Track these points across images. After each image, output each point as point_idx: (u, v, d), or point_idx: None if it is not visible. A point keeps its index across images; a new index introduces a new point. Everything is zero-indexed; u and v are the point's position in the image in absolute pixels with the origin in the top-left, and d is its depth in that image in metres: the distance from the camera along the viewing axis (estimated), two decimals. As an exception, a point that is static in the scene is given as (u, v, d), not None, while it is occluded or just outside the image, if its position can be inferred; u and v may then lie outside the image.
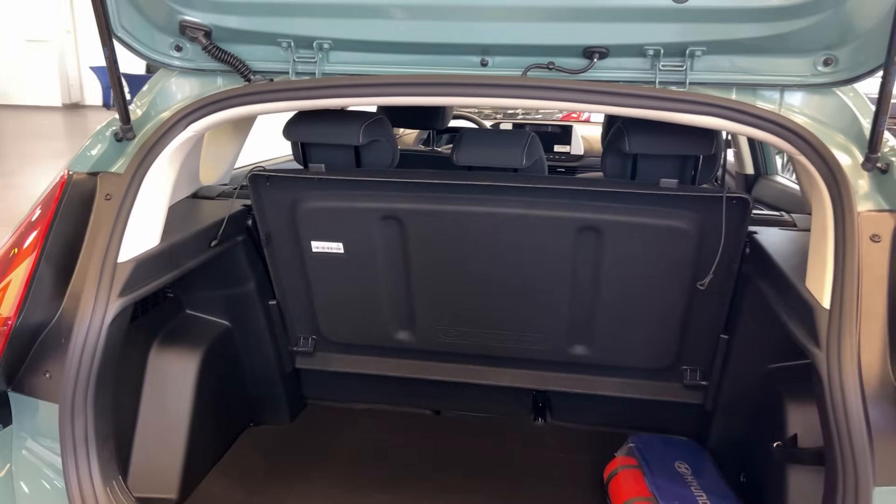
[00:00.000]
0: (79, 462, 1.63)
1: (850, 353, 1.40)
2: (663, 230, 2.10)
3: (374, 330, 2.49)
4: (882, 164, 1.63)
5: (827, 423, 1.42)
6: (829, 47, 1.72)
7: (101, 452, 1.66)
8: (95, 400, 1.64)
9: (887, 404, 1.39)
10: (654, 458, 2.29)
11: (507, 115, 5.13)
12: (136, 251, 1.76)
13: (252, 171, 2.19)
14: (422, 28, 1.85)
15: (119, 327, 1.69)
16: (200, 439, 2.23)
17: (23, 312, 1.60)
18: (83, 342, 1.61)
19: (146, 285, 1.78)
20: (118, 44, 1.88)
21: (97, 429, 1.65)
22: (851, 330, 1.41)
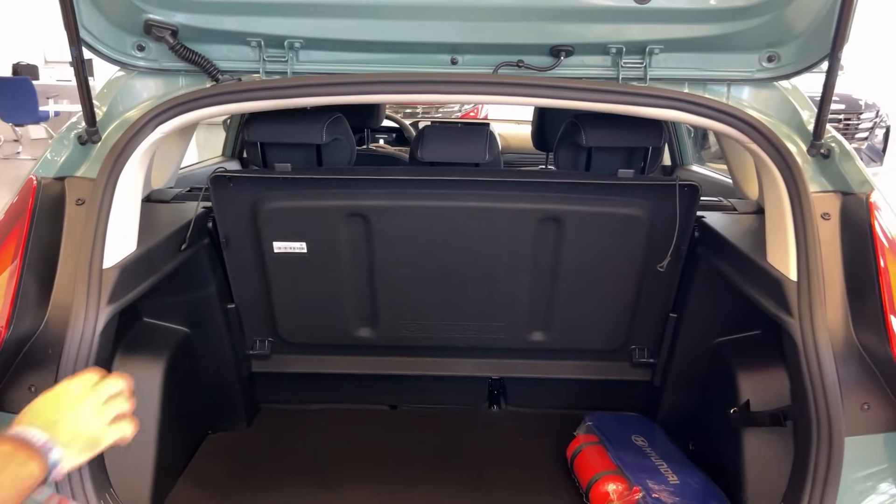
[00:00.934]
0: (71, 476, 1.57)
1: (821, 318, 1.56)
2: (619, 218, 2.23)
3: (335, 328, 2.50)
4: (824, 150, 1.81)
5: (802, 383, 1.57)
6: (773, 45, 1.89)
7: (91, 464, 1.61)
8: None
9: (853, 362, 1.55)
10: (612, 434, 2.42)
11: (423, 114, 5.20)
12: (118, 257, 1.71)
13: (214, 173, 2.15)
14: (393, 27, 1.90)
15: (109, 336, 1.64)
16: (167, 450, 2.18)
17: (13, 324, 1.52)
18: (76, 352, 1.55)
19: (131, 291, 1.73)
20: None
21: None
22: (820, 298, 1.57)
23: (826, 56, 1.83)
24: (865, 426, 1.57)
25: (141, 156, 1.83)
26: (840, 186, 1.77)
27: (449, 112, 8.90)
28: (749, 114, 1.83)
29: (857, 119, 9.63)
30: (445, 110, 8.91)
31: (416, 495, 2.26)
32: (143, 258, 1.82)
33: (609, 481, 2.21)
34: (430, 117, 8.03)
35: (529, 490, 2.32)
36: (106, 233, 1.68)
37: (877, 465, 1.60)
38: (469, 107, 8.98)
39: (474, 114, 9.00)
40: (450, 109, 8.91)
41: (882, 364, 1.53)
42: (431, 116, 8.16)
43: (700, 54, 1.93)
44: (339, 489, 2.29)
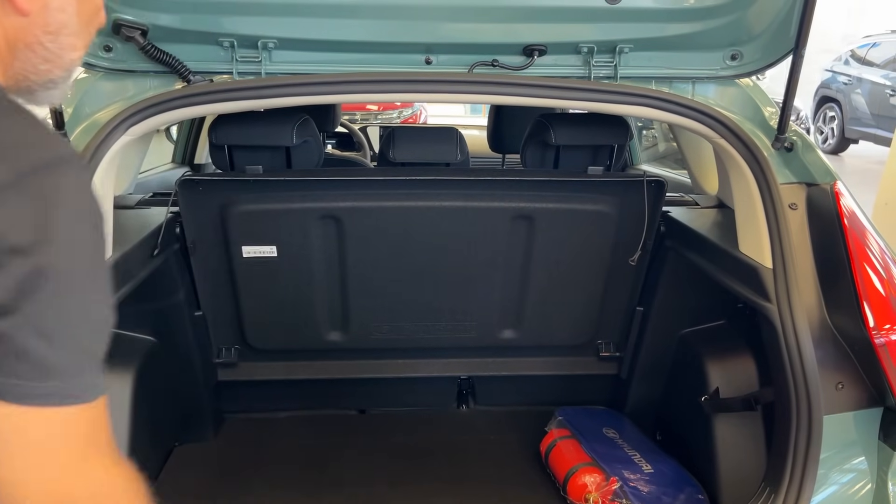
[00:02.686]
0: None
1: (798, 302, 1.63)
2: (588, 214, 2.28)
3: (305, 333, 2.47)
4: (787, 144, 1.89)
5: (781, 366, 1.64)
6: (735, 44, 1.97)
7: None
8: None
9: (828, 344, 1.63)
10: (584, 428, 2.46)
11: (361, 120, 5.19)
12: None
13: (183, 177, 2.11)
14: (367, 27, 1.90)
15: None
16: (137, 463, 2.10)
17: None
18: None
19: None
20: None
21: None
22: (795, 283, 1.65)
23: (786, 53, 1.93)
24: (839, 405, 1.65)
25: (111, 159, 1.77)
26: (804, 178, 1.85)
27: (388, 118, 8.89)
28: (717, 110, 1.90)
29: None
30: (385, 116, 8.90)
31: (396, 498, 2.25)
32: (120, 264, 1.77)
33: (586, 473, 2.25)
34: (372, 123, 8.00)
35: (508, 485, 2.34)
36: None
37: (848, 441, 1.68)
38: (409, 113, 9.02)
39: (413, 120, 9.03)
40: (388, 116, 8.92)
41: (856, 344, 1.61)
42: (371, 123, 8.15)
43: (667, 53, 1.99)
44: (316, 495, 2.26)
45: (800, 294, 1.64)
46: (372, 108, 8.65)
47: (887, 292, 1.60)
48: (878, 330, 1.56)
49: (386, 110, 8.85)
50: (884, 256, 1.66)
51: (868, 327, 1.57)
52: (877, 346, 1.56)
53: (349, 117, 8.28)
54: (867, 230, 1.69)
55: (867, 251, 1.64)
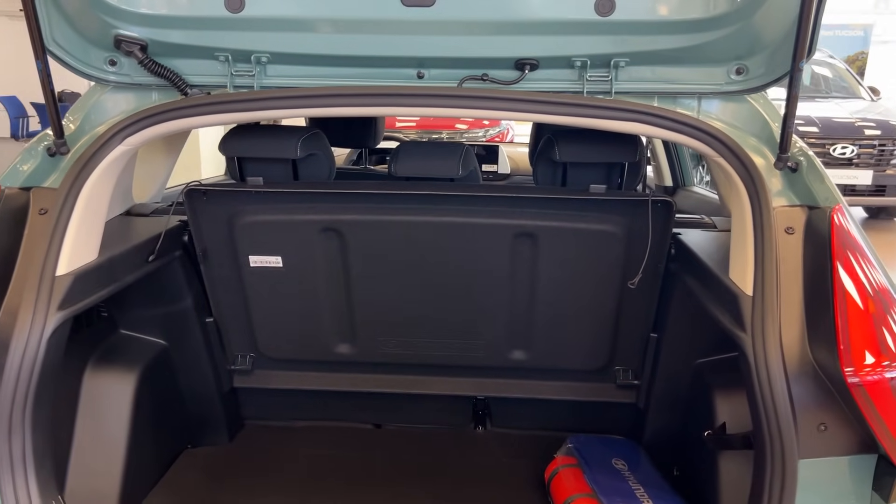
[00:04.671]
0: (16, 482, 1.58)
1: (773, 334, 1.50)
2: (594, 234, 2.20)
3: (314, 344, 2.50)
4: (792, 164, 1.76)
5: (755, 402, 1.51)
6: (741, 57, 1.86)
7: (38, 471, 1.62)
8: (34, 417, 1.60)
9: (808, 381, 1.49)
10: (592, 457, 2.36)
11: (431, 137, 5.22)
12: (74, 265, 1.73)
13: (188, 186, 2.18)
14: (359, 42, 1.91)
15: (58, 342, 1.66)
16: (138, 461, 2.19)
17: None
18: (21, 357, 1.57)
19: (85, 299, 1.75)
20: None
21: (35, 447, 1.61)
22: (773, 313, 1.52)
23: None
24: (823, 448, 1.51)
25: (107, 167, 1.85)
26: (807, 200, 1.72)
27: (474, 136, 8.88)
28: (713, 125, 1.79)
29: (893, 145, 9.42)
30: (471, 134, 8.89)
31: None
32: (104, 267, 1.84)
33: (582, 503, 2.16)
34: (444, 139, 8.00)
35: None
36: (63, 241, 1.70)
37: (837, 489, 1.53)
38: (495, 131, 8.97)
39: (500, 138, 8.97)
40: (475, 134, 8.90)
41: (837, 382, 1.47)
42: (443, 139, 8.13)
43: (667, 67, 1.90)
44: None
45: (775, 324, 1.51)
46: (461, 126, 8.68)
47: (873, 328, 1.45)
48: (854, 368, 1.42)
49: (473, 128, 8.85)
50: (879, 289, 1.51)
51: (842, 364, 1.43)
52: (850, 386, 1.42)
53: (436, 135, 8.36)
54: (863, 259, 1.55)
55: (857, 281, 1.50)
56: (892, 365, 1.43)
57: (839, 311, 1.47)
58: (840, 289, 1.49)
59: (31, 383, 1.58)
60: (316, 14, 1.86)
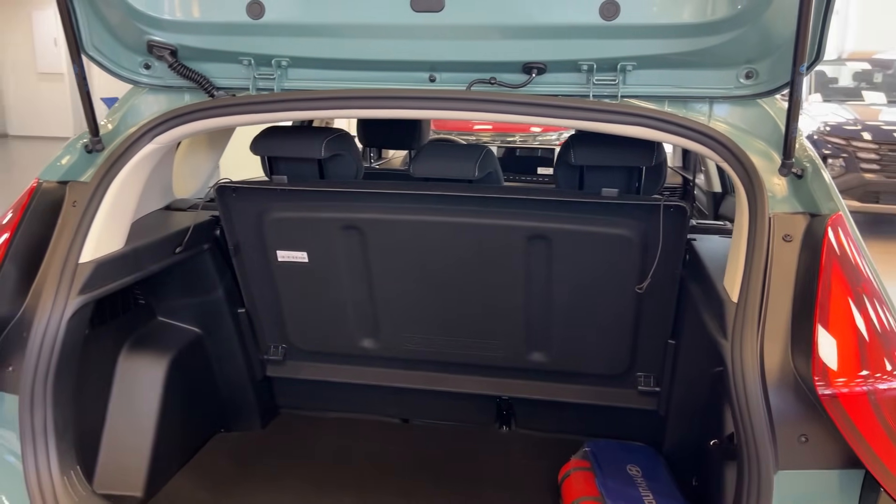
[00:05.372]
0: (37, 451, 1.72)
1: (750, 341, 1.48)
2: (608, 238, 2.19)
3: (341, 338, 2.59)
4: (797, 170, 1.72)
5: (733, 410, 1.50)
6: (750, 61, 1.83)
7: (59, 443, 1.76)
8: (55, 392, 1.74)
9: (788, 392, 1.46)
10: (606, 462, 2.36)
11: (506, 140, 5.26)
12: (98, 253, 1.87)
13: (218, 183, 2.31)
14: (374, 46, 1.98)
15: (79, 323, 1.80)
16: (168, 441, 2.32)
17: None
18: (42, 336, 1.71)
19: (107, 285, 1.89)
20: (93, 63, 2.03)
21: (56, 420, 1.75)
22: (753, 320, 1.50)
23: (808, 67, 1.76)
24: (804, 460, 1.47)
25: (137, 164, 1.99)
26: (809, 208, 1.68)
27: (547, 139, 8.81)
28: (715, 129, 1.77)
29: None
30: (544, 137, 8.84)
31: None
32: (128, 256, 1.98)
33: (587, 507, 2.16)
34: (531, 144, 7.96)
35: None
36: (88, 231, 1.84)
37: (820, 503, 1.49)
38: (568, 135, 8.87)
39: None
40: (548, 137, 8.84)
41: (813, 394, 1.43)
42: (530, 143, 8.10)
43: (675, 71, 1.88)
44: (328, 494, 2.36)
45: (754, 332, 1.49)
46: (535, 129, 8.65)
47: (853, 340, 1.41)
48: (827, 379, 1.38)
49: (546, 132, 8.81)
50: (866, 302, 1.47)
51: (814, 375, 1.39)
52: (822, 398, 1.38)
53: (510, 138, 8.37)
54: (852, 270, 1.50)
55: (841, 292, 1.46)
56: (872, 379, 1.38)
57: (818, 320, 1.43)
58: (822, 298, 1.46)
59: (52, 360, 1.72)
60: (331, 20, 1.94)
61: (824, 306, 1.44)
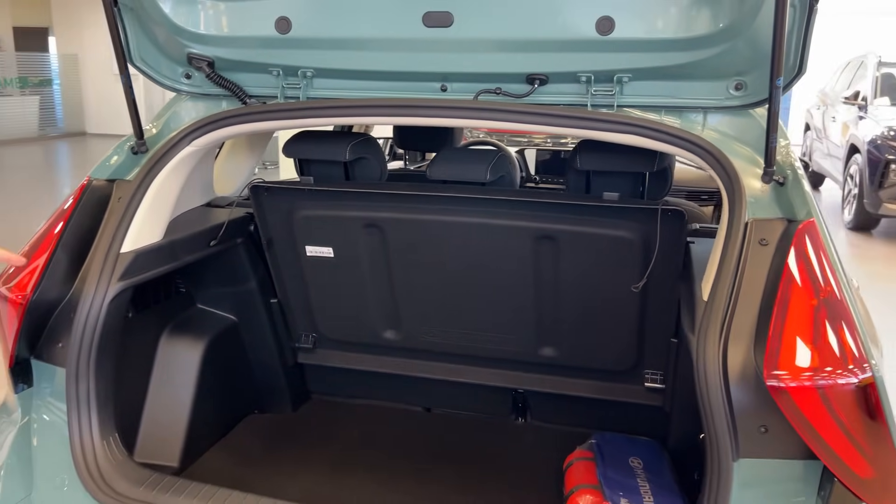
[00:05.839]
0: (81, 418, 1.95)
1: (713, 336, 1.59)
2: (610, 239, 2.31)
3: (365, 329, 2.76)
4: (779, 177, 1.82)
5: (699, 401, 1.61)
6: (740, 74, 1.93)
7: (100, 412, 1.98)
8: (97, 367, 1.96)
9: (749, 386, 1.56)
10: (610, 453, 2.47)
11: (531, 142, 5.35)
12: (138, 244, 2.08)
13: (252, 183, 2.51)
14: (390, 58, 2.15)
15: (119, 306, 2.02)
16: (203, 418, 2.54)
17: (37, 291, 1.94)
18: (86, 317, 1.93)
19: (145, 273, 2.10)
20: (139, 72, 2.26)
21: (98, 391, 1.97)
22: (718, 317, 1.60)
23: (789, 83, 1.85)
24: (764, 450, 1.57)
25: (176, 164, 2.20)
26: (787, 214, 1.77)
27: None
28: (701, 137, 1.88)
29: None
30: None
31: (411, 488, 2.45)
32: (165, 247, 2.19)
33: (585, 494, 2.28)
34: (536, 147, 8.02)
35: (521, 494, 2.43)
36: (130, 224, 2.06)
37: (781, 490, 1.58)
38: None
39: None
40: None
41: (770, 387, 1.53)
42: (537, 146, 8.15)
43: (669, 82, 1.99)
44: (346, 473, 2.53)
45: (717, 327, 1.59)
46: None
47: (809, 337, 1.50)
48: (778, 373, 1.48)
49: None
50: (828, 303, 1.55)
51: (765, 368, 1.49)
52: (770, 389, 1.48)
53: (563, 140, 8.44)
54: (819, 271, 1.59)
55: (806, 291, 1.55)
56: (822, 375, 1.47)
57: (775, 317, 1.53)
58: (782, 296, 1.55)
59: (95, 338, 1.94)
60: (351, 34, 2.11)
61: (782, 304, 1.54)
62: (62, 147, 16.14)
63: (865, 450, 1.53)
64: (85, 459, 1.92)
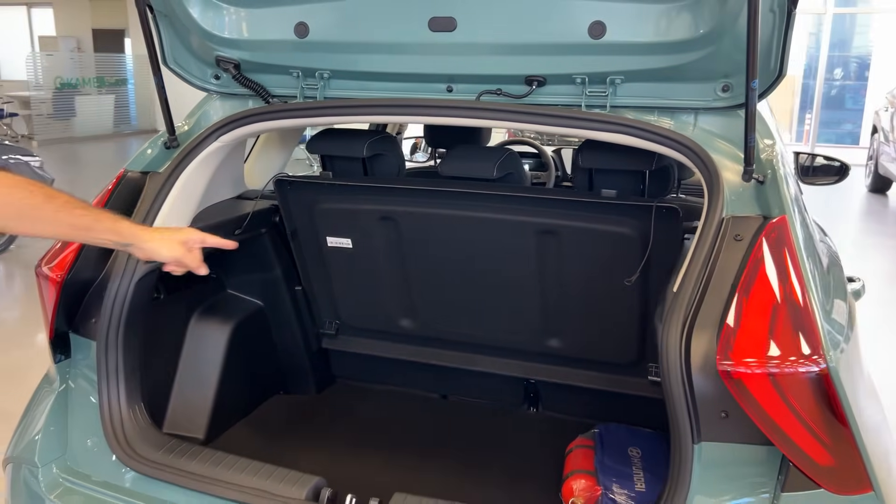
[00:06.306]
0: (109, 388, 2.14)
1: (676, 324, 1.67)
2: (610, 235, 2.40)
3: (382, 317, 2.91)
4: (759, 176, 1.88)
5: (662, 385, 1.69)
6: (727, 76, 2.00)
7: (127, 383, 2.17)
8: (124, 341, 2.15)
9: (710, 372, 1.63)
10: (609, 442, 2.55)
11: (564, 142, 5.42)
12: None
13: (276, 177, 2.69)
14: (401, 61, 2.29)
15: (145, 286, 2.21)
16: (229, 395, 2.73)
17: (71, 271, 2.15)
18: (115, 295, 2.13)
19: None
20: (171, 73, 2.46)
21: (125, 363, 2.16)
22: (682, 306, 1.68)
23: (770, 85, 1.92)
24: (725, 434, 1.65)
25: (203, 159, 2.38)
26: (764, 211, 1.83)
27: None
28: (685, 136, 1.95)
29: None
30: None
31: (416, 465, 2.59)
32: None
33: (580, 478, 2.37)
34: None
35: (521, 479, 2.54)
36: (158, 213, 2.25)
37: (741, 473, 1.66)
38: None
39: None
40: None
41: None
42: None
43: (661, 84, 2.07)
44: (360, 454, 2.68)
45: (680, 316, 1.67)
46: None
47: (764, 326, 1.57)
48: (731, 359, 1.55)
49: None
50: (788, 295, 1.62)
51: (718, 354, 1.57)
52: (721, 374, 1.56)
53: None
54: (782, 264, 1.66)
55: (765, 282, 1.62)
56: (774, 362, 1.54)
57: (733, 305, 1.61)
58: (743, 286, 1.63)
59: (122, 314, 2.14)
60: (363, 38, 2.26)
61: (742, 294, 1.62)
62: (134, 143, 16.85)
63: (823, 439, 1.59)
64: (112, 424, 2.12)
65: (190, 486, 1.97)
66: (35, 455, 2.13)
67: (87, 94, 18.03)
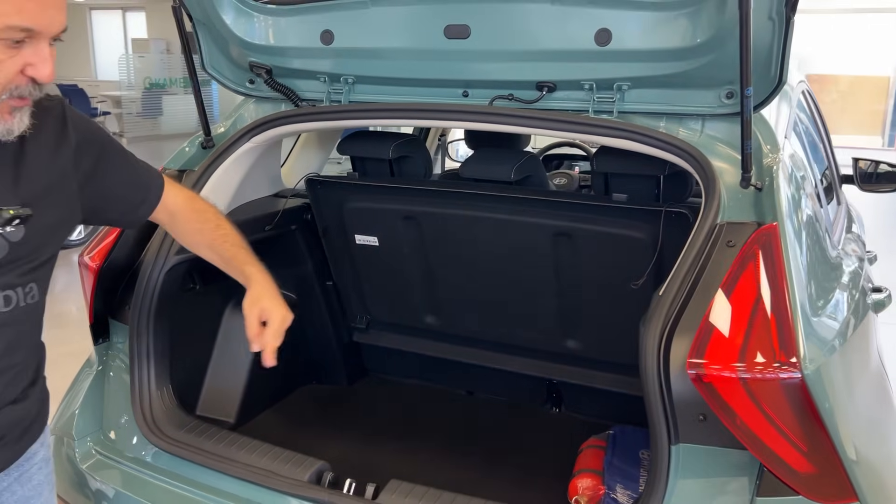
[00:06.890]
0: (140, 369, 2.31)
1: (655, 326, 1.70)
2: (622, 238, 2.42)
3: (409, 313, 3.01)
4: (757, 182, 1.89)
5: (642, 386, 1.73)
6: (731, 83, 2.00)
7: (157, 365, 2.33)
8: (154, 326, 2.32)
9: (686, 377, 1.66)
10: (621, 444, 2.57)
11: None
12: None
13: (307, 176, 2.82)
14: (420, 67, 2.38)
15: (174, 276, 2.36)
16: (260, 382, 2.87)
17: (107, 261, 2.32)
18: (146, 283, 2.29)
19: None
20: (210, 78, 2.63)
21: (155, 347, 2.33)
22: (663, 309, 1.71)
23: (771, 93, 1.92)
24: (702, 437, 1.67)
25: (236, 159, 2.53)
26: (759, 218, 1.84)
27: None
28: (684, 142, 1.97)
29: None
30: None
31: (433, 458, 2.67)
32: None
33: (585, 478, 2.41)
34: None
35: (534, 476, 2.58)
36: None
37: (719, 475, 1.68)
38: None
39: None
40: None
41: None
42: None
43: (667, 90, 2.09)
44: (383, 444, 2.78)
45: (660, 318, 1.69)
46: None
47: (740, 331, 1.59)
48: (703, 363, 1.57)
49: None
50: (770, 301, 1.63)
51: (689, 357, 1.59)
52: (691, 378, 1.58)
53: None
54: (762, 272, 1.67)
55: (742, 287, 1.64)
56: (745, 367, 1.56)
57: (710, 308, 1.63)
58: (723, 292, 1.65)
59: (153, 301, 2.30)
60: (383, 45, 2.36)
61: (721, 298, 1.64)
62: (216, 141, 17.49)
63: (800, 446, 1.60)
64: (141, 404, 2.29)
65: (204, 464, 2.11)
66: (73, 429, 2.31)
67: (174, 94, 18.83)
